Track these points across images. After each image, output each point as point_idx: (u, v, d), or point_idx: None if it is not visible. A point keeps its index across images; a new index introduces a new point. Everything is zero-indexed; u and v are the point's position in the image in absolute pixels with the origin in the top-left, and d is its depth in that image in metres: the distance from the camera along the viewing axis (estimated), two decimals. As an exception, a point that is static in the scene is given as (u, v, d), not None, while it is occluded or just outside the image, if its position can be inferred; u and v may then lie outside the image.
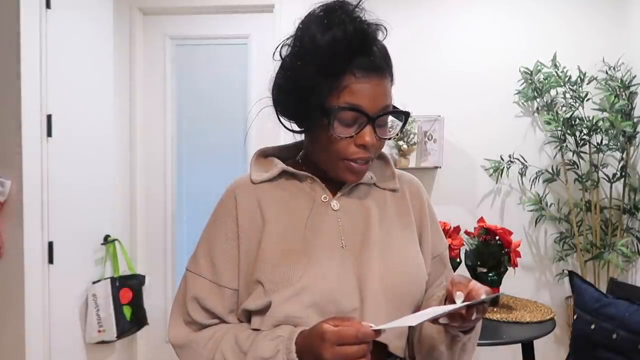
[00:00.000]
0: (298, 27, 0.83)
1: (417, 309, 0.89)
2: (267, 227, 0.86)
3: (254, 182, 0.90)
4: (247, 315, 0.86)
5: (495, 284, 1.95)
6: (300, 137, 0.96)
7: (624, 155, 2.66)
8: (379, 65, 0.81)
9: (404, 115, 0.86)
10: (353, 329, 0.70)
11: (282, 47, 0.86)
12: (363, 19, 0.81)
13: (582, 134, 2.68)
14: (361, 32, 0.79)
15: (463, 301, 0.72)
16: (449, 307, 0.71)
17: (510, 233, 2.01)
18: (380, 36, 0.84)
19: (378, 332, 0.71)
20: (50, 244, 2.09)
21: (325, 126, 0.81)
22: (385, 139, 0.85)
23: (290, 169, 0.90)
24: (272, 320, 0.80)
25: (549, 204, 2.80)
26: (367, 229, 0.87)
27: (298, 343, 0.76)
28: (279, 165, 0.90)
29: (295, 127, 0.90)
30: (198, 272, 0.88)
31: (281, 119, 0.89)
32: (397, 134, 0.87)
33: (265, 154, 0.95)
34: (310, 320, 0.79)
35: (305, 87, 0.80)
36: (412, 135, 2.71)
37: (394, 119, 0.88)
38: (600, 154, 2.68)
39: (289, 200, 0.89)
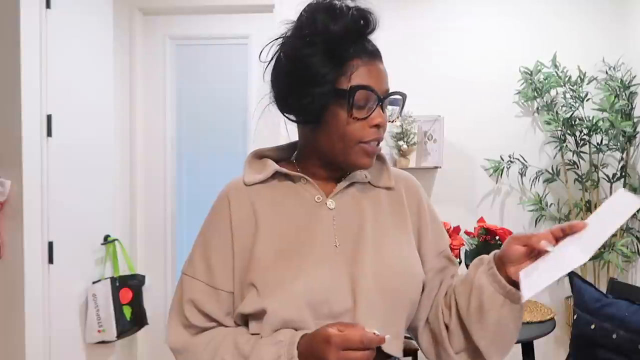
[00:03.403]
0: (301, 16, 0.84)
1: (413, 308, 0.89)
2: (260, 229, 0.85)
3: (247, 184, 0.90)
4: (244, 319, 0.86)
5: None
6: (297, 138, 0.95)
7: (624, 155, 2.66)
8: (378, 50, 0.86)
9: (402, 99, 0.89)
10: (359, 334, 0.71)
11: (284, 37, 0.86)
12: (367, 6, 0.84)
13: (582, 134, 2.68)
14: (368, 19, 0.83)
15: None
16: (573, 263, 0.71)
17: (510, 233, 2.01)
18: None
19: (382, 338, 0.71)
20: (50, 244, 2.08)
21: (338, 113, 0.82)
22: (391, 121, 0.88)
23: (284, 169, 0.89)
24: (270, 326, 0.80)
25: (549, 204, 2.80)
26: (361, 228, 0.87)
27: (300, 347, 0.76)
28: (272, 167, 0.90)
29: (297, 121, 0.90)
30: (194, 275, 0.88)
31: (285, 114, 0.88)
32: (397, 117, 0.89)
33: (259, 155, 0.95)
34: (306, 322, 0.79)
35: (314, 72, 0.81)
36: (412, 135, 2.71)
37: (392, 106, 0.90)
38: (600, 154, 2.68)
39: (283, 202, 0.88)
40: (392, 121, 0.89)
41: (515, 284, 0.80)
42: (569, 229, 0.76)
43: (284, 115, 0.89)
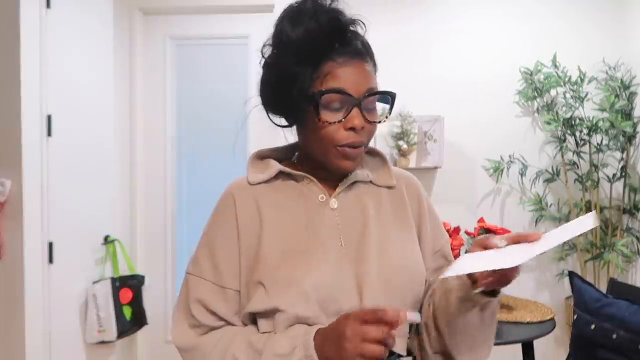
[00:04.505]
0: (276, 22, 0.85)
1: (416, 305, 0.89)
2: (265, 228, 0.86)
3: (251, 184, 0.90)
4: (251, 318, 0.86)
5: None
6: (296, 137, 0.96)
7: (624, 155, 2.66)
8: (359, 50, 0.83)
9: (390, 97, 0.86)
10: (374, 309, 0.72)
11: (264, 46, 0.87)
12: (338, 8, 0.82)
13: (582, 134, 2.68)
14: (335, 21, 0.81)
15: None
16: (530, 254, 0.69)
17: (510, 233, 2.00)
18: (360, 31, 0.85)
19: (397, 314, 0.70)
20: (50, 244, 2.08)
21: (313, 117, 0.82)
22: (375, 122, 0.85)
23: (287, 169, 0.90)
24: (284, 322, 0.80)
25: (549, 204, 2.80)
26: (364, 227, 0.87)
27: (317, 337, 0.76)
28: (275, 167, 0.90)
29: (286, 125, 0.90)
30: (200, 275, 0.88)
31: (271, 117, 0.89)
32: (387, 117, 0.87)
33: (261, 156, 0.96)
34: (319, 318, 0.79)
35: (287, 78, 0.81)
36: (412, 135, 2.70)
37: (385, 105, 0.88)
38: (600, 154, 2.68)
39: (287, 201, 0.89)
40: (381, 121, 0.86)
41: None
42: (523, 238, 0.74)
43: (272, 121, 0.90)
